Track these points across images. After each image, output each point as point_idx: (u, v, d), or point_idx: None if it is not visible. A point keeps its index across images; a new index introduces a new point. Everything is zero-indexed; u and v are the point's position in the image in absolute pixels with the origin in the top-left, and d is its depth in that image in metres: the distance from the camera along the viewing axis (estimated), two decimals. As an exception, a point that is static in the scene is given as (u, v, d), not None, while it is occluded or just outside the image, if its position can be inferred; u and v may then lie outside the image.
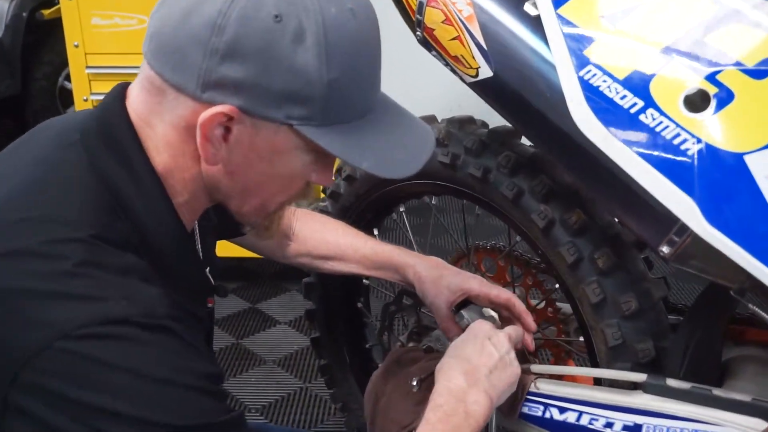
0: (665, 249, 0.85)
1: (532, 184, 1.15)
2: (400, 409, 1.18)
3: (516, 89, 0.95)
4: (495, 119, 1.28)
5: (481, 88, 1.02)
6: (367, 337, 1.66)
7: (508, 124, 1.22)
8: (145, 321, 0.70)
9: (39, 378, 0.67)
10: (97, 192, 0.76)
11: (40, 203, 0.75)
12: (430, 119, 1.37)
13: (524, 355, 1.39)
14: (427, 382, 1.11)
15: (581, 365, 1.52)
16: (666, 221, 0.83)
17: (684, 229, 0.82)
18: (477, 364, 0.96)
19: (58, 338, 0.67)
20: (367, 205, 1.46)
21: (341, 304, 1.61)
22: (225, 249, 1.32)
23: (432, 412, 0.91)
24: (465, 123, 1.29)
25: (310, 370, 2.28)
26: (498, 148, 1.21)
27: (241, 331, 2.53)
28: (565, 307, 1.41)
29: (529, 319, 1.11)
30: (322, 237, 1.25)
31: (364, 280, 1.60)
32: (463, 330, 1.11)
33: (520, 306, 1.11)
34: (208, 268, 0.95)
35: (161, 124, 0.76)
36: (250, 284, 2.86)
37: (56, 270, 0.70)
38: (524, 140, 1.22)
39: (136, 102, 0.78)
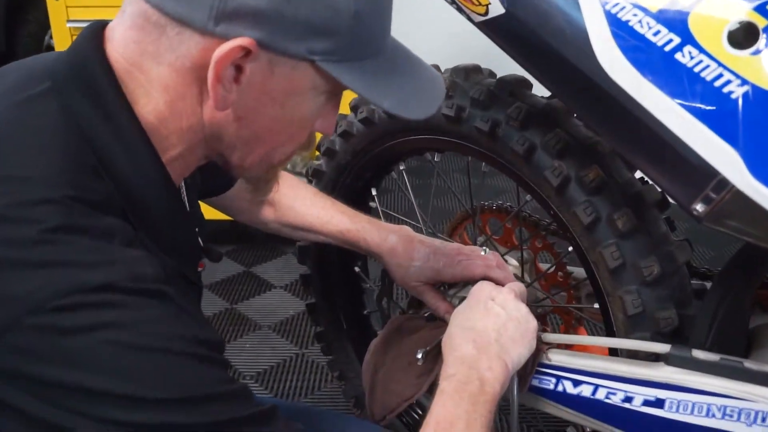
0: (699, 207, 0.75)
1: (545, 139, 1.05)
2: (401, 381, 1.12)
3: (531, 27, 0.84)
4: (503, 69, 1.19)
5: (491, 27, 0.91)
6: (366, 303, 1.58)
7: (518, 74, 1.12)
8: (133, 285, 0.63)
9: (10, 361, 0.59)
10: (73, 147, 0.67)
11: (7, 161, 0.66)
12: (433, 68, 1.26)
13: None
14: (432, 354, 1.04)
15: (593, 333, 1.44)
16: (702, 175, 0.74)
17: (723, 183, 0.73)
18: (484, 329, 0.91)
19: (28, 313, 0.58)
20: (364, 163, 1.36)
21: (338, 268, 1.52)
22: (218, 212, 1.25)
23: (446, 382, 0.85)
24: (471, 72, 1.18)
25: (306, 336, 2.22)
26: (507, 99, 1.11)
27: (235, 296, 2.47)
28: (577, 271, 1.32)
29: (509, 275, 1.06)
30: (290, 204, 1.18)
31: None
32: (455, 307, 1.05)
33: (497, 274, 1.05)
34: (197, 229, 0.87)
35: (157, 67, 0.68)
36: (244, 247, 2.79)
37: (27, 236, 0.61)
38: (536, 90, 1.11)
39: (122, 43, 0.69)
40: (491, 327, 0.90)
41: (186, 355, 0.64)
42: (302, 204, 1.18)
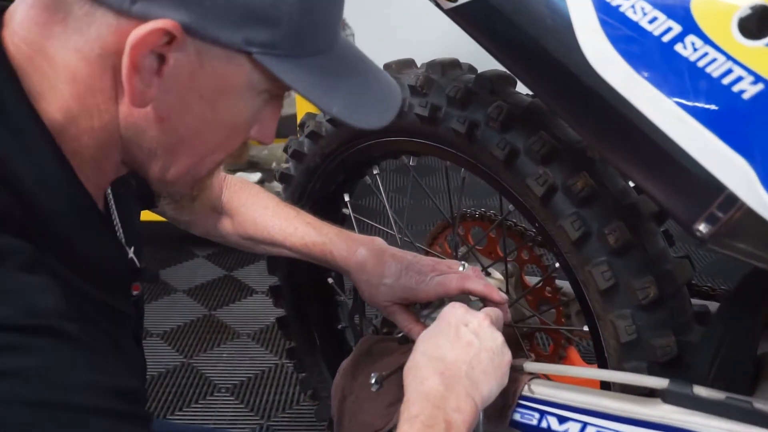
0: (703, 227, 0.64)
1: (528, 142, 0.93)
2: (369, 411, 1.02)
3: (506, 14, 0.72)
4: (485, 64, 1.07)
5: (463, 15, 0.79)
6: (340, 317, 1.47)
7: (501, 68, 1.00)
8: (26, 322, 0.53)
9: None
10: None
11: None
12: (407, 63, 1.15)
13: (516, 348, 1.21)
14: (390, 380, 0.93)
15: (586, 354, 1.33)
16: (706, 191, 0.62)
17: (732, 200, 0.61)
18: (454, 360, 0.79)
19: None
20: (335, 166, 1.25)
21: (310, 280, 1.41)
22: None
23: (407, 424, 0.74)
24: (448, 67, 1.07)
25: (286, 345, 2.11)
26: (487, 97, 0.99)
27: (214, 301, 2.36)
28: (567, 285, 1.21)
29: (494, 293, 0.94)
30: (250, 215, 1.07)
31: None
32: None
33: (475, 285, 0.93)
34: (132, 248, 0.77)
35: (63, 52, 0.58)
36: (224, 250, 2.68)
37: None
38: (521, 88, 0.99)
39: (23, 26, 0.59)
40: (462, 359, 0.79)
41: (88, 411, 0.54)
42: (263, 214, 1.07)
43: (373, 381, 0.91)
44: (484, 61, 1.04)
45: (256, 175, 2.75)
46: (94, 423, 0.54)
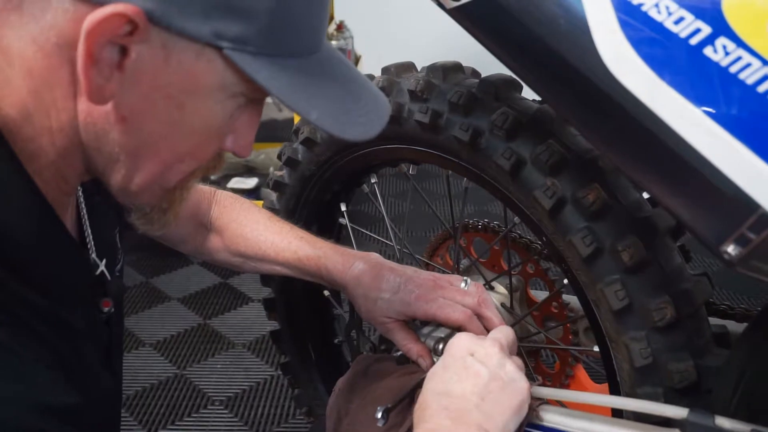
0: (732, 249, 0.58)
1: (535, 151, 0.88)
2: (366, 436, 0.95)
3: (514, 14, 0.66)
4: (489, 67, 1.01)
5: (467, 15, 0.73)
6: (337, 332, 1.41)
7: (506, 72, 0.94)
8: None
9: None
10: None
11: None
12: (407, 67, 1.09)
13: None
14: (396, 412, 0.87)
15: (593, 373, 1.27)
16: (737, 209, 0.56)
17: (766, 220, 0.55)
18: (461, 393, 0.73)
19: None
20: (331, 174, 1.19)
21: (305, 293, 1.35)
22: None
23: None
24: (450, 71, 1.01)
25: (281, 356, 2.05)
26: (492, 103, 0.93)
27: (209, 310, 2.31)
28: (574, 301, 1.15)
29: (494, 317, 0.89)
30: (240, 231, 1.01)
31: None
32: (430, 350, 0.90)
33: (473, 324, 0.87)
34: (104, 261, 0.71)
35: (18, 43, 0.54)
36: (220, 257, 2.62)
37: None
38: (527, 93, 0.93)
39: None
40: (470, 390, 0.73)
41: (6, 427, 0.50)
42: (254, 229, 1.02)
43: (379, 416, 0.85)
44: (488, 65, 0.99)
45: (253, 181, 2.70)
46: None
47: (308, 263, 0.98)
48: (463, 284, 0.92)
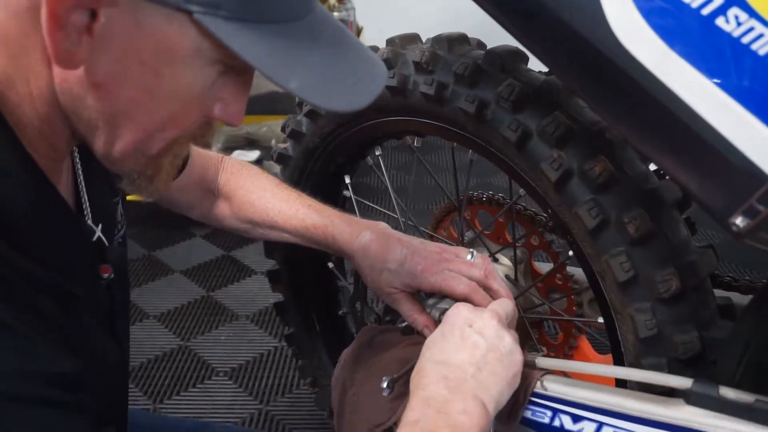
0: (740, 221, 0.58)
1: (542, 123, 0.87)
2: (371, 405, 0.97)
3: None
4: (494, 38, 1.00)
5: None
6: (341, 303, 1.41)
7: (512, 43, 0.93)
8: None
9: None
10: None
11: None
12: (412, 38, 1.08)
13: (525, 337, 1.16)
14: (401, 382, 0.88)
15: (596, 344, 1.27)
16: (746, 181, 0.56)
17: (775, 193, 0.55)
18: (458, 363, 0.74)
19: None
20: (335, 146, 1.19)
21: (309, 264, 1.36)
22: None
23: (405, 429, 0.68)
24: (455, 42, 1.00)
25: (285, 328, 2.06)
26: (498, 74, 0.93)
27: (212, 282, 2.32)
28: (578, 272, 1.15)
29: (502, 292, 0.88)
30: (248, 197, 1.00)
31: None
32: (435, 321, 0.89)
33: (477, 296, 0.87)
34: (100, 226, 0.71)
35: None
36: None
37: None
38: (533, 65, 0.93)
39: None
40: (468, 360, 0.74)
41: (9, 398, 0.50)
42: (262, 197, 1.01)
43: (384, 386, 0.86)
44: (492, 35, 0.98)
45: (255, 153, 2.69)
46: (18, 412, 0.50)
47: (315, 231, 0.98)
48: (469, 256, 0.92)
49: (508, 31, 0.74)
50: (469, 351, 0.74)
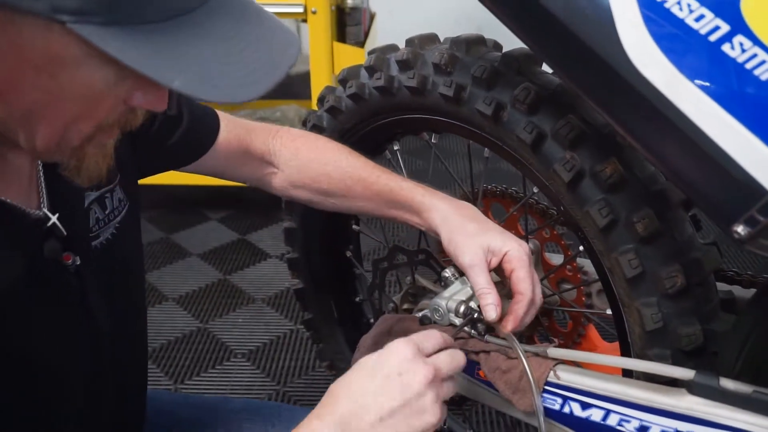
0: (741, 229, 0.62)
1: (556, 126, 0.91)
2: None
3: (540, 2, 0.69)
4: (512, 40, 1.04)
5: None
6: (358, 290, 1.46)
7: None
8: None
9: None
10: None
11: None
12: (430, 38, 1.12)
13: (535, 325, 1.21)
14: None
15: (604, 333, 1.33)
16: (748, 194, 0.61)
17: (773, 205, 0.59)
18: (366, 405, 0.69)
19: None
20: (355, 142, 1.23)
21: (327, 252, 1.41)
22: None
23: None
24: (473, 44, 1.04)
25: (301, 311, 2.11)
26: (514, 77, 0.97)
27: (229, 266, 2.37)
28: (587, 264, 1.20)
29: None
30: (322, 168, 1.02)
31: (354, 226, 1.40)
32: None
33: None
34: (56, 215, 0.73)
35: None
36: (238, 213, 2.68)
37: None
38: (548, 68, 0.97)
39: None
40: (376, 407, 0.69)
41: None
42: (338, 167, 1.02)
43: None
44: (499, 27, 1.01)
45: (269, 138, 2.73)
46: None
47: (401, 193, 0.97)
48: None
49: (524, 42, 0.78)
50: (384, 397, 0.69)
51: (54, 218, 0.73)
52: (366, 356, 0.74)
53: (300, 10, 2.25)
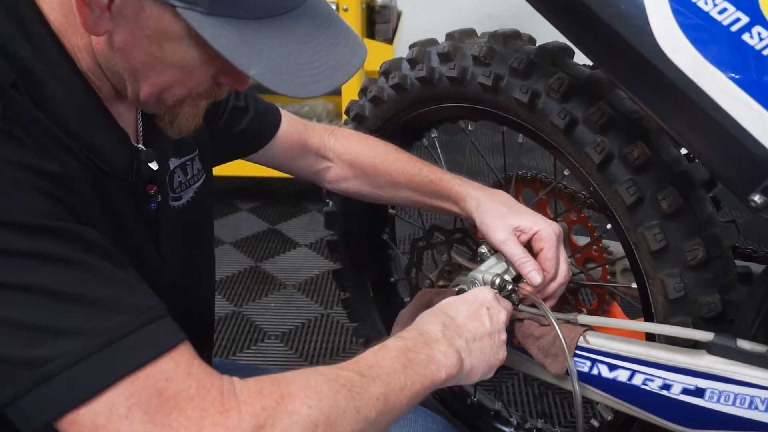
0: (758, 198, 0.71)
1: (587, 112, 1.00)
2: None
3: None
4: (542, 34, 1.13)
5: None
6: (393, 271, 1.55)
7: (560, 41, 1.05)
8: None
9: None
10: None
11: None
12: (469, 33, 1.20)
13: (563, 302, 1.28)
14: None
15: (626, 309, 1.41)
16: (764, 165, 0.69)
17: (787, 175, 0.68)
18: (461, 324, 0.84)
19: None
20: (395, 129, 1.32)
21: (365, 235, 1.50)
22: (242, 168, 1.27)
23: (392, 340, 0.79)
24: (510, 38, 1.12)
25: (331, 296, 2.21)
26: (548, 68, 1.05)
27: (260, 254, 2.46)
28: (612, 245, 1.28)
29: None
30: (370, 162, 1.14)
31: (390, 210, 1.48)
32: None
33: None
34: (146, 150, 0.82)
35: None
36: (268, 203, 2.78)
37: None
38: (578, 59, 1.05)
39: None
40: (470, 328, 0.84)
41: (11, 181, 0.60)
42: (384, 161, 1.14)
43: None
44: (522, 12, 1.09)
45: (298, 132, 2.81)
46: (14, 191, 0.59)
47: (440, 184, 1.08)
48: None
49: (562, 33, 0.87)
50: (474, 323, 0.85)
51: (144, 151, 0.81)
52: (453, 296, 0.90)
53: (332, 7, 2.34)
